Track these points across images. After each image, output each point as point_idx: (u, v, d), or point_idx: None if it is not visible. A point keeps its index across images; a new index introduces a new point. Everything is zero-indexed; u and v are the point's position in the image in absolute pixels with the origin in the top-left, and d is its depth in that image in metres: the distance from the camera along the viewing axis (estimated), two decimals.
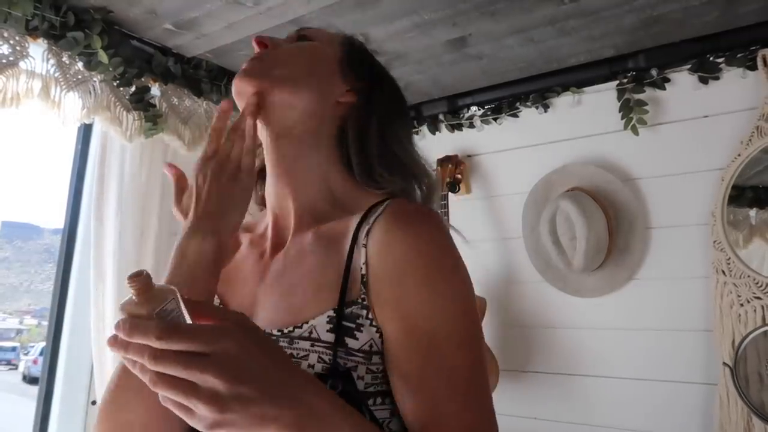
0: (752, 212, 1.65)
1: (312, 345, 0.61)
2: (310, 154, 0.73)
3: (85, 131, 1.77)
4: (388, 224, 0.63)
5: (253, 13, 1.58)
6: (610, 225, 1.80)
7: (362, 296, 0.61)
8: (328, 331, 0.61)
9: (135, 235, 1.70)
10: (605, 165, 1.87)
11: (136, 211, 1.71)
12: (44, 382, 1.69)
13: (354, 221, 0.66)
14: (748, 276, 1.55)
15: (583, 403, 1.83)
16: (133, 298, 0.44)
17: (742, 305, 1.55)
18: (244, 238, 0.79)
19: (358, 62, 0.79)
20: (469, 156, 2.17)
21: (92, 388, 1.69)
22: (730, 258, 1.59)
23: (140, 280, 0.44)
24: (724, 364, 1.55)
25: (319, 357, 0.60)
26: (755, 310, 1.53)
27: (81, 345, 1.69)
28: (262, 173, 0.81)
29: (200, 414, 0.43)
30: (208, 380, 0.43)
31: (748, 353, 1.51)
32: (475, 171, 2.16)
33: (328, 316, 0.61)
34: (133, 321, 0.43)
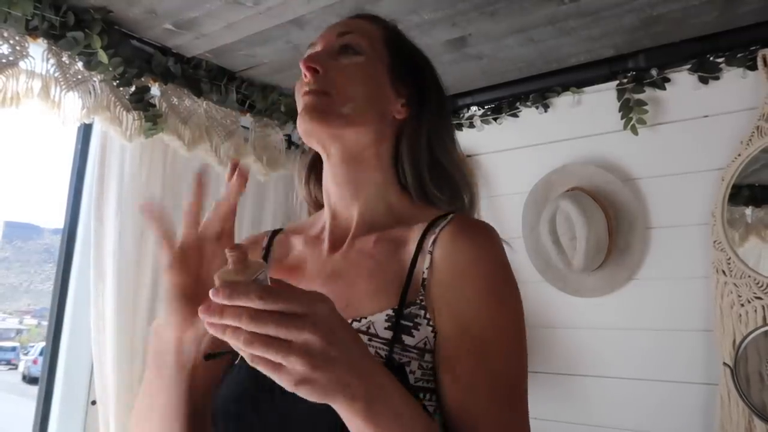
0: (748, 210, 1.65)
1: (369, 339, 0.65)
2: (375, 176, 0.77)
3: (85, 131, 1.77)
4: (454, 235, 0.68)
5: (252, 12, 1.58)
6: (610, 225, 1.80)
7: (421, 297, 0.66)
8: (386, 328, 0.65)
9: (135, 234, 1.70)
10: (605, 165, 1.87)
11: (136, 211, 1.71)
12: (44, 382, 1.68)
13: (417, 230, 0.71)
14: (749, 276, 1.55)
15: (583, 403, 1.83)
16: (230, 267, 0.48)
17: (742, 305, 1.55)
18: (297, 240, 0.81)
19: (405, 66, 0.80)
20: (469, 156, 2.17)
21: (92, 388, 1.69)
22: (730, 258, 1.59)
23: (240, 250, 0.48)
24: (725, 364, 1.55)
25: (376, 351, 0.64)
26: (756, 310, 1.53)
27: (81, 345, 1.69)
28: (314, 173, 0.84)
29: (292, 369, 0.46)
30: (304, 336, 0.46)
31: (749, 353, 1.51)
32: (476, 171, 2.16)
33: (386, 315, 0.66)
34: (233, 285, 0.46)
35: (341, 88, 0.74)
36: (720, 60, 1.70)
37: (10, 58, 1.40)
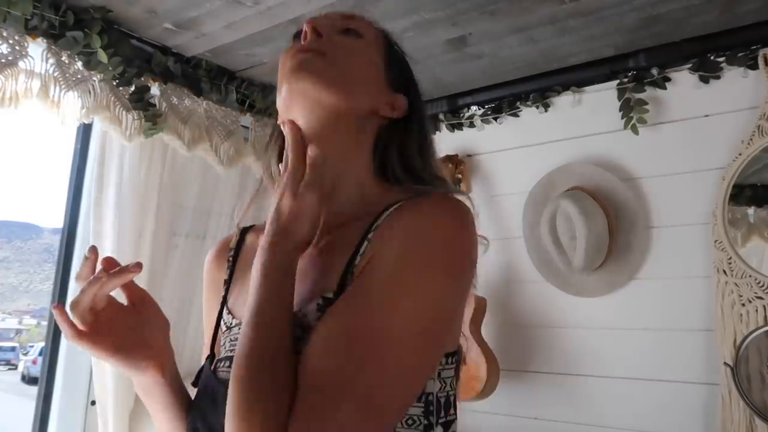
0: (750, 210, 1.65)
1: (303, 331, 0.61)
2: (348, 167, 0.72)
3: (85, 131, 1.76)
4: (398, 212, 0.62)
5: (252, 12, 1.57)
6: (610, 224, 1.80)
7: (350, 281, 0.61)
8: (317, 319, 0.60)
9: (134, 234, 1.70)
10: (605, 164, 1.87)
11: (135, 210, 1.70)
12: (43, 382, 1.68)
13: (376, 215, 0.65)
14: (750, 276, 1.55)
15: (584, 403, 1.83)
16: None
17: (743, 305, 1.55)
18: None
19: (399, 70, 0.79)
20: (469, 156, 2.17)
21: (91, 388, 1.69)
22: (731, 258, 1.58)
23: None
24: (726, 364, 1.55)
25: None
26: (756, 310, 1.52)
27: None
28: (277, 145, 0.79)
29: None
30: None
31: (750, 353, 1.51)
32: (475, 171, 2.16)
33: (317, 304, 0.62)
34: None
35: (340, 57, 0.71)
36: (721, 59, 1.70)
37: (10, 58, 1.40)
